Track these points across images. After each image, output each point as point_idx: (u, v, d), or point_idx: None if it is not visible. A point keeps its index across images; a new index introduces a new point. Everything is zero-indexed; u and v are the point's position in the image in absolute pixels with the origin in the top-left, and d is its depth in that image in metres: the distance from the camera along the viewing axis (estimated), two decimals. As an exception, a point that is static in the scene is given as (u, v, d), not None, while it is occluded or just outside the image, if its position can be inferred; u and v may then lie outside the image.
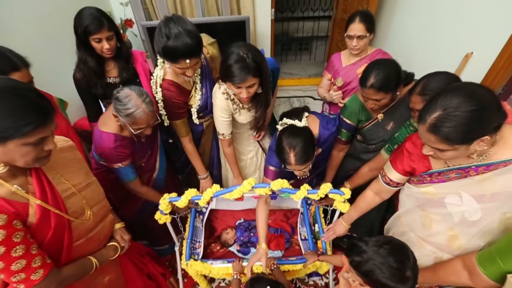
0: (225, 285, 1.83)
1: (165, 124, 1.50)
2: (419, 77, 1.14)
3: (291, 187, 1.29)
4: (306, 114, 1.35)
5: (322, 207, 1.67)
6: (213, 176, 1.84)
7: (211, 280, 1.82)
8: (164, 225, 1.43)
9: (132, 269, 1.30)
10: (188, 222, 1.61)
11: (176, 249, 1.58)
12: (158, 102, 1.40)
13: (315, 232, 1.62)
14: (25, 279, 0.77)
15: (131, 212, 1.58)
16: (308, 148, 1.19)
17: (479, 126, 0.73)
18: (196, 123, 1.58)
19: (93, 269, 0.98)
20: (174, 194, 1.33)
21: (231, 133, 1.54)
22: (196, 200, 1.32)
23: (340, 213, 1.44)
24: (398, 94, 1.29)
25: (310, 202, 1.68)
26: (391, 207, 1.62)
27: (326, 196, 1.44)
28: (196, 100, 1.50)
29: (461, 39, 1.81)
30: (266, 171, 1.44)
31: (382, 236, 0.89)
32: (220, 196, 1.66)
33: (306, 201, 1.68)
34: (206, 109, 1.55)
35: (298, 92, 3.98)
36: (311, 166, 1.29)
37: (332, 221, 1.49)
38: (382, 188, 1.16)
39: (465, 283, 0.88)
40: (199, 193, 1.32)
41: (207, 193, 1.30)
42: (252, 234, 1.72)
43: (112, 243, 1.10)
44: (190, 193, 1.30)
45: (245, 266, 1.38)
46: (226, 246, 1.72)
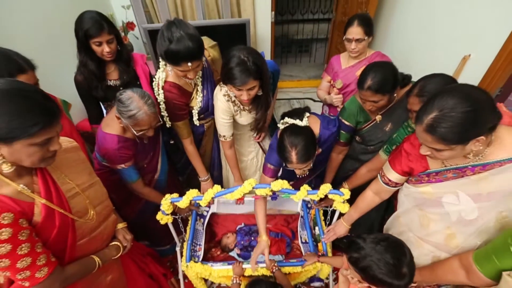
0: (224, 288, 1.81)
1: (167, 126, 1.51)
2: (417, 79, 1.16)
3: (291, 188, 1.31)
4: (307, 114, 1.35)
5: (322, 210, 1.67)
6: (214, 177, 1.84)
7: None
8: (165, 226, 1.44)
9: (134, 269, 1.31)
10: (189, 225, 1.61)
11: (177, 250, 1.58)
12: (160, 104, 1.42)
13: (316, 235, 1.61)
14: (30, 277, 0.78)
15: (133, 213, 1.59)
16: (310, 147, 1.19)
17: (475, 127, 0.75)
18: (197, 125, 1.59)
19: (96, 268, 0.99)
20: (176, 195, 1.33)
21: (232, 135, 1.55)
22: (198, 201, 1.33)
23: (340, 214, 1.45)
24: (396, 96, 1.30)
25: (311, 206, 1.68)
26: (390, 208, 1.63)
27: (326, 197, 1.45)
28: (198, 102, 1.51)
29: (459, 42, 1.82)
30: (265, 169, 1.45)
31: (380, 234, 0.90)
32: (221, 200, 1.68)
33: (307, 205, 1.67)
34: (207, 111, 1.57)
35: (298, 94, 4.00)
36: (311, 166, 1.30)
37: (332, 222, 1.50)
38: (382, 188, 1.17)
39: (462, 282, 0.90)
40: (201, 194, 1.33)
41: (208, 194, 1.31)
42: (253, 238, 1.71)
43: (115, 243, 1.11)
44: (192, 194, 1.32)
45: (245, 269, 1.37)
46: (227, 251, 1.71)
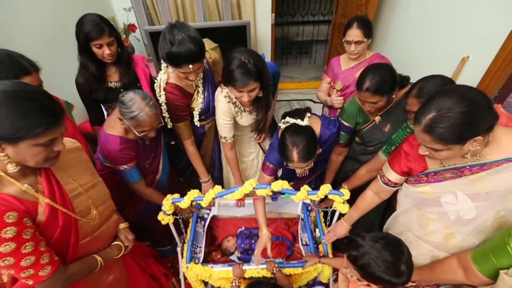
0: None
1: (168, 127, 1.53)
2: (416, 81, 1.16)
3: (292, 188, 1.32)
4: (308, 115, 1.36)
5: (322, 212, 1.66)
6: (214, 178, 1.85)
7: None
8: (166, 227, 1.44)
9: (136, 269, 1.32)
10: (190, 226, 1.61)
11: (178, 250, 1.58)
12: (162, 105, 1.43)
13: (317, 237, 1.61)
14: (34, 275, 0.79)
15: (134, 213, 1.60)
16: (311, 146, 1.20)
17: (472, 127, 0.76)
18: (197, 126, 1.61)
19: (98, 267, 1.00)
20: (177, 195, 1.34)
21: (233, 137, 1.55)
22: (199, 201, 1.34)
23: (340, 215, 1.46)
24: (394, 97, 1.32)
25: (311, 209, 1.67)
26: (390, 208, 1.64)
27: (325, 198, 1.46)
28: (198, 103, 1.53)
29: (458, 43, 1.84)
30: (264, 167, 1.46)
31: (379, 232, 0.91)
32: (222, 202, 1.67)
33: (307, 208, 1.67)
34: (208, 112, 1.58)
35: (298, 95, 4.01)
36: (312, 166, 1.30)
37: (332, 223, 1.50)
38: (381, 188, 1.18)
39: (461, 281, 0.90)
40: (202, 195, 1.34)
41: (209, 194, 1.32)
42: (253, 241, 1.70)
43: (117, 243, 1.12)
44: (193, 194, 1.32)
45: (245, 270, 1.37)
46: (227, 254, 1.70)
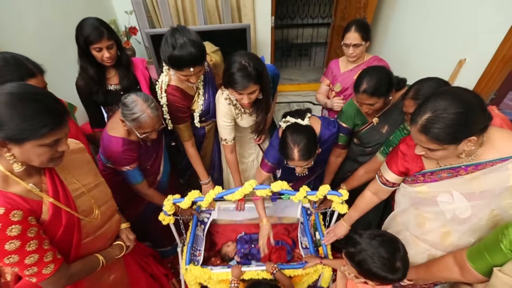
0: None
1: (169, 128, 1.54)
2: (413, 83, 1.19)
3: (291, 189, 1.33)
4: (309, 115, 1.38)
5: (321, 215, 1.66)
6: (214, 179, 1.86)
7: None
8: (167, 227, 1.45)
9: (136, 269, 1.33)
10: (190, 229, 1.61)
11: (179, 250, 1.59)
12: (163, 107, 1.45)
13: (316, 240, 1.61)
14: (37, 273, 0.81)
15: (135, 214, 1.61)
16: (311, 145, 1.22)
17: (466, 127, 0.78)
18: (198, 127, 1.62)
19: (100, 266, 1.01)
20: (178, 196, 1.35)
21: (234, 139, 1.57)
22: (199, 202, 1.36)
23: (338, 216, 1.47)
24: (391, 99, 1.34)
25: (310, 213, 1.67)
26: (388, 208, 1.65)
27: (324, 199, 1.48)
28: (199, 105, 1.55)
29: (455, 46, 1.86)
30: (262, 163, 1.48)
31: (376, 230, 0.93)
32: (222, 207, 1.68)
33: (306, 212, 1.67)
34: (208, 114, 1.60)
35: (298, 97, 4.04)
36: (310, 167, 1.32)
37: (331, 224, 1.51)
38: (380, 188, 1.20)
39: (456, 278, 0.92)
40: (202, 195, 1.35)
41: (210, 195, 1.33)
42: (253, 246, 1.70)
43: (118, 242, 1.14)
44: (194, 195, 1.34)
45: (244, 272, 1.37)
46: (227, 260, 1.69)
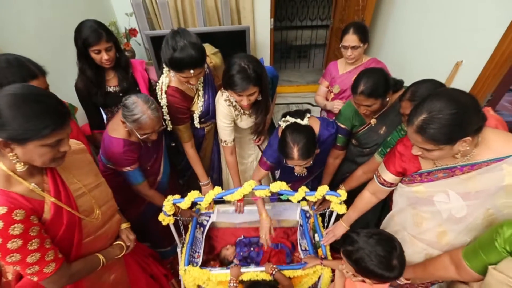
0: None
1: (168, 129, 1.56)
2: (410, 85, 1.21)
3: (290, 189, 1.34)
4: (308, 115, 1.39)
5: (320, 217, 1.66)
6: (213, 180, 1.87)
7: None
8: (167, 228, 1.46)
9: (136, 269, 1.34)
10: (189, 231, 1.60)
11: (178, 250, 1.60)
12: (163, 108, 1.46)
13: (316, 242, 1.61)
14: (39, 272, 0.82)
15: (135, 214, 1.62)
16: (310, 145, 1.23)
17: (461, 127, 0.79)
18: (198, 127, 1.64)
19: (100, 266, 1.02)
20: (178, 196, 1.36)
21: (234, 141, 1.58)
22: (199, 203, 1.36)
23: (337, 216, 1.48)
24: (389, 100, 1.36)
25: (309, 216, 1.67)
26: (386, 209, 1.66)
27: (323, 200, 1.49)
28: (199, 106, 1.56)
29: (452, 48, 1.89)
30: (261, 161, 1.50)
31: (373, 228, 0.95)
32: (221, 209, 1.68)
33: (305, 214, 1.68)
34: (208, 115, 1.61)
35: (297, 99, 4.06)
36: (309, 167, 1.33)
37: (329, 225, 1.52)
38: (378, 188, 1.21)
39: (453, 277, 0.93)
40: (202, 196, 1.36)
41: (209, 195, 1.34)
42: (252, 249, 1.71)
43: (118, 242, 1.15)
44: (193, 195, 1.34)
45: (243, 273, 1.37)
46: (226, 263, 1.68)
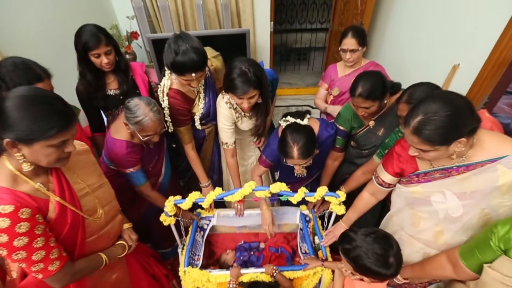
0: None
1: (170, 131, 1.58)
2: (406, 87, 1.23)
3: (290, 190, 1.36)
4: (308, 116, 1.41)
5: (319, 220, 1.67)
6: (213, 181, 1.88)
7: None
8: (168, 229, 1.47)
9: (138, 269, 1.35)
10: (189, 233, 1.60)
11: (179, 251, 1.62)
12: (164, 109, 1.48)
13: (316, 245, 1.62)
14: (43, 269, 0.83)
15: (137, 215, 1.63)
16: (310, 144, 1.26)
17: (456, 129, 0.82)
18: (199, 129, 1.66)
19: (103, 265, 1.04)
20: (179, 197, 1.38)
21: (234, 143, 1.60)
22: (199, 203, 1.38)
23: (336, 217, 1.50)
24: (387, 103, 1.38)
25: (309, 220, 1.68)
26: (385, 210, 1.68)
27: (323, 202, 1.51)
28: (199, 109, 1.59)
29: (449, 52, 1.91)
30: (260, 159, 1.53)
31: (370, 227, 0.97)
32: (222, 214, 1.70)
33: (305, 218, 1.68)
34: (209, 117, 1.64)
35: (297, 101, 4.08)
36: (308, 168, 1.35)
37: (329, 226, 1.54)
38: (376, 189, 1.23)
39: (450, 276, 0.95)
40: (203, 196, 1.38)
41: (210, 196, 1.36)
42: (252, 253, 1.71)
43: (121, 242, 1.16)
44: (194, 196, 1.37)
45: (243, 274, 1.37)
46: (226, 268, 1.64)
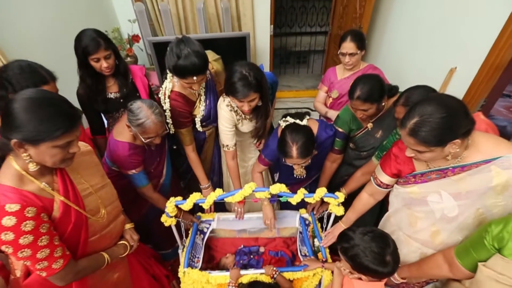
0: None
1: (171, 132, 1.60)
2: (403, 90, 1.26)
3: (289, 191, 1.38)
4: (307, 117, 1.44)
5: (319, 223, 1.68)
6: (213, 183, 1.90)
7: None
8: (168, 230, 1.49)
9: (139, 269, 1.37)
10: (190, 236, 1.61)
11: (179, 252, 1.63)
12: (166, 111, 1.51)
13: (315, 247, 1.63)
14: (47, 267, 0.85)
15: (138, 216, 1.64)
16: (309, 144, 1.28)
17: (450, 130, 0.84)
18: (200, 131, 1.69)
19: (105, 264, 1.05)
20: (180, 198, 1.39)
21: (235, 145, 1.62)
22: (200, 207, 1.40)
23: (335, 218, 1.51)
24: (384, 105, 1.41)
25: (308, 223, 1.69)
26: (383, 211, 1.70)
27: (322, 203, 1.53)
28: (200, 111, 1.61)
29: (446, 55, 1.94)
30: (260, 158, 1.56)
31: (368, 227, 0.99)
32: (222, 217, 1.71)
33: (304, 221, 1.69)
34: (209, 119, 1.66)
35: (296, 104, 4.11)
36: (307, 170, 1.36)
37: (328, 227, 1.55)
38: (375, 190, 1.25)
39: (446, 275, 0.97)
40: (204, 197, 1.40)
41: (211, 197, 1.38)
42: (252, 257, 1.72)
43: (123, 242, 1.18)
44: (195, 197, 1.38)
45: (242, 275, 1.38)
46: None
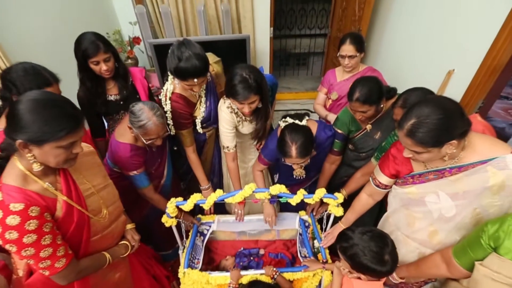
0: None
1: (171, 133, 1.61)
2: (401, 92, 1.28)
3: (289, 192, 1.39)
4: (307, 118, 1.46)
5: (318, 224, 1.69)
6: (213, 184, 1.91)
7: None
8: (169, 231, 1.50)
9: (140, 269, 1.38)
10: (190, 237, 1.62)
11: (180, 252, 1.64)
12: (167, 113, 1.52)
13: (315, 248, 1.63)
14: (50, 266, 0.86)
15: (138, 217, 1.64)
16: (308, 144, 1.30)
17: (447, 131, 0.86)
18: (200, 132, 1.70)
19: (107, 264, 1.06)
20: (181, 199, 1.41)
21: (235, 147, 1.64)
22: (201, 204, 1.41)
23: (334, 219, 1.53)
24: (383, 107, 1.42)
25: (308, 225, 1.70)
26: (382, 212, 1.71)
27: (322, 204, 1.55)
28: (201, 112, 1.63)
29: (444, 58, 1.96)
30: (259, 157, 1.58)
31: (367, 227, 1.00)
32: (222, 219, 1.73)
33: (304, 223, 1.70)
34: (210, 120, 1.68)
35: (296, 106, 4.13)
36: (307, 171, 1.38)
37: (327, 227, 1.56)
38: (374, 190, 1.27)
39: (444, 275, 0.98)
40: (204, 198, 1.41)
41: (211, 197, 1.39)
42: (252, 258, 1.72)
43: (124, 242, 1.19)
44: (196, 198, 1.39)
45: (243, 276, 1.39)
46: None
